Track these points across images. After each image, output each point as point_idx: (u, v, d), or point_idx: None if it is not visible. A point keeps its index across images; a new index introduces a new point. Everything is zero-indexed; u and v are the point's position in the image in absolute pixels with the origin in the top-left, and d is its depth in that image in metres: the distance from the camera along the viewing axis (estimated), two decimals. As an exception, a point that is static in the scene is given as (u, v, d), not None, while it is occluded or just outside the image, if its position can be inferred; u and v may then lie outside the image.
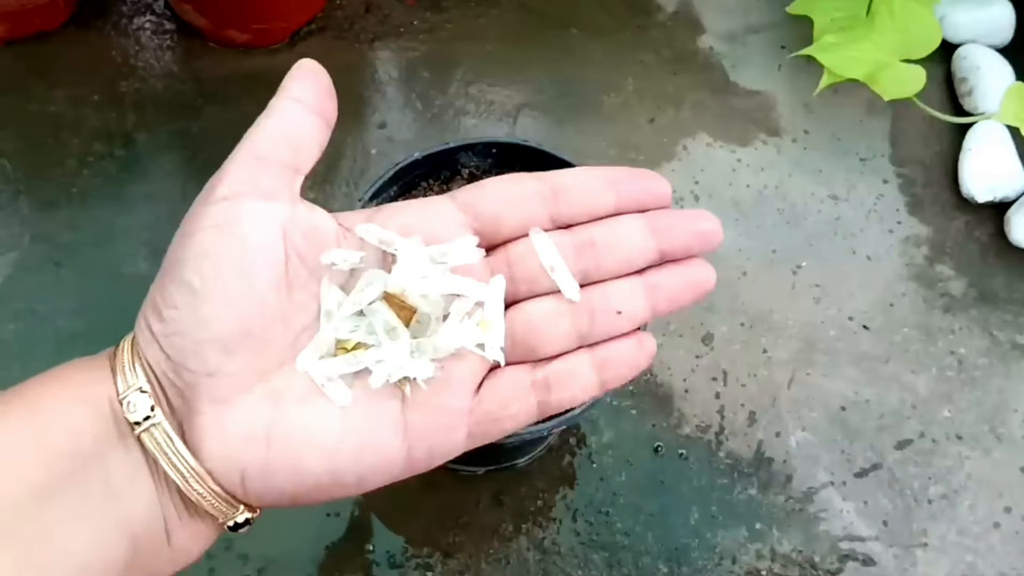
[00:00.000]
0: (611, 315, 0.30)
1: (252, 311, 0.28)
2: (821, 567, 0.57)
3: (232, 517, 0.29)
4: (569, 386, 0.30)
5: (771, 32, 0.76)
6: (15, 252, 0.62)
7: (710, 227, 0.31)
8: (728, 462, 0.59)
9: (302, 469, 0.28)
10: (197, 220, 0.28)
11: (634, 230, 0.31)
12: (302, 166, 0.30)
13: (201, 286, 0.27)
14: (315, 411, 0.28)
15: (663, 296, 0.31)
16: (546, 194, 0.31)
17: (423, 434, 0.29)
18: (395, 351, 0.28)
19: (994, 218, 0.69)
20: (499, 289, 0.30)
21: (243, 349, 0.28)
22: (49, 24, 0.70)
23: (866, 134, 0.72)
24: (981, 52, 0.72)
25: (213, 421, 0.27)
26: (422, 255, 0.29)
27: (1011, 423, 0.62)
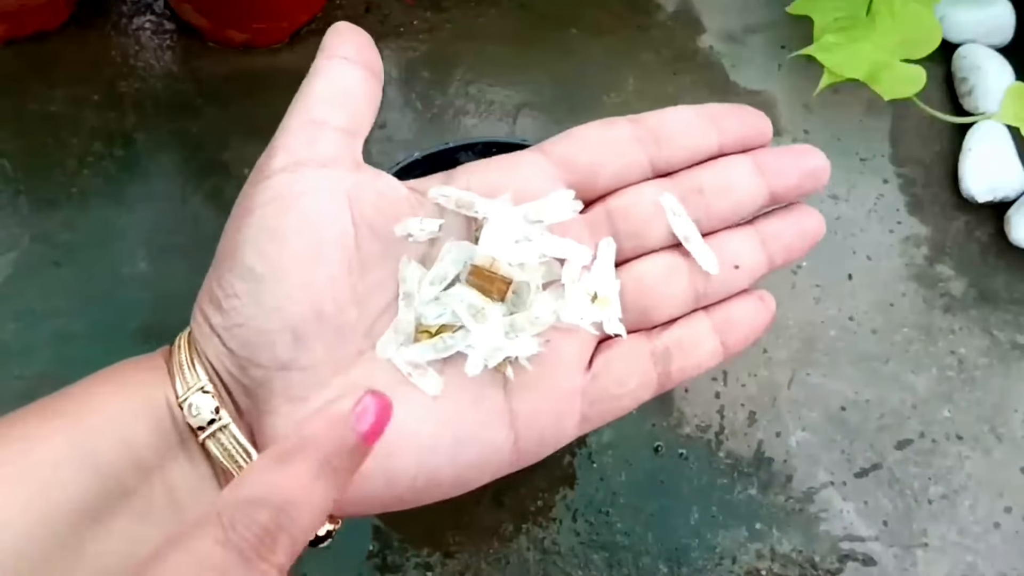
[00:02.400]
0: (729, 270, 0.27)
1: (323, 294, 0.24)
2: (821, 567, 0.57)
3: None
4: (692, 353, 0.27)
5: (771, 32, 0.76)
6: (15, 252, 0.62)
7: (819, 163, 0.28)
8: (728, 462, 0.59)
9: (394, 472, 0.25)
10: (253, 197, 0.25)
11: (742, 171, 0.27)
12: (360, 128, 0.27)
13: (264, 270, 0.24)
14: (403, 404, 0.24)
15: (779, 246, 0.28)
16: (644, 138, 0.27)
17: (531, 421, 0.26)
18: (488, 330, 0.24)
19: (994, 218, 0.69)
20: (610, 251, 0.26)
21: (316, 338, 0.24)
22: (49, 24, 0.70)
23: (866, 134, 0.72)
24: (981, 52, 0.72)
25: (288, 422, 0.24)
26: (513, 216, 0.24)
27: (1011, 423, 0.62)
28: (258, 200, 0.25)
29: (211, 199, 0.64)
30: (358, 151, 0.26)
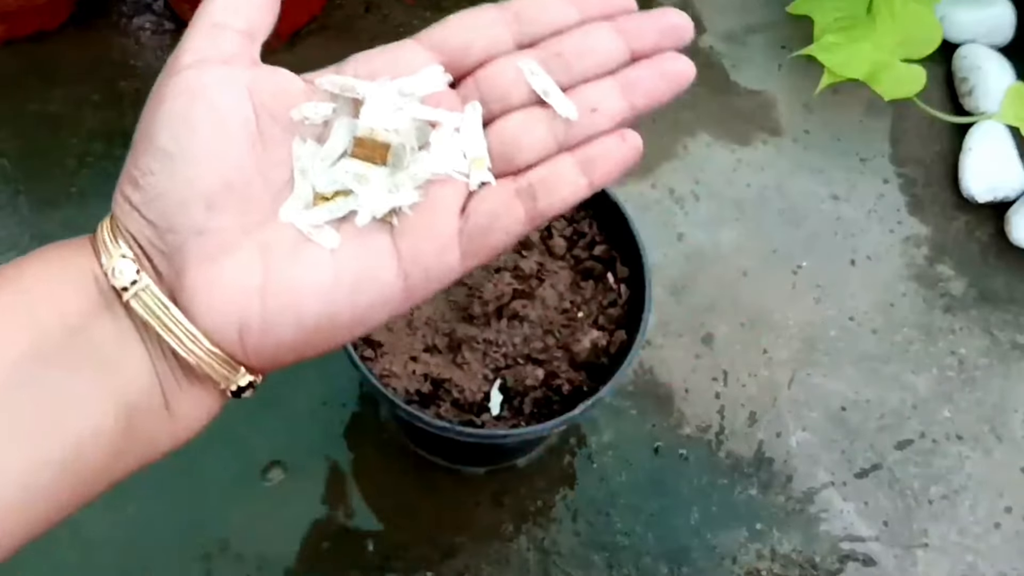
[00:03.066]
0: (587, 114, 0.30)
1: (231, 168, 0.28)
2: (821, 567, 0.57)
3: (234, 381, 0.28)
4: (556, 188, 0.30)
5: (771, 32, 0.76)
6: (15, 252, 0.62)
7: (678, 20, 0.31)
8: (728, 462, 0.59)
9: (301, 315, 0.28)
10: (164, 90, 0.28)
11: (601, 35, 0.31)
12: (257, 32, 0.30)
13: (177, 149, 0.27)
14: (306, 258, 0.28)
15: (640, 91, 0.31)
16: (508, 18, 0.31)
17: (417, 259, 0.29)
18: (373, 189, 0.29)
19: (994, 218, 0.69)
20: (476, 113, 0.30)
21: (227, 205, 0.28)
22: (49, 24, 0.70)
23: (866, 134, 0.72)
24: (981, 52, 0.72)
25: (204, 280, 0.27)
26: (388, 91, 0.29)
27: (1011, 423, 0.62)
28: (168, 92, 0.28)
29: (211, 199, 0.64)
30: (256, 51, 0.30)
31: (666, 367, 0.62)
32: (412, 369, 0.50)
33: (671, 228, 0.67)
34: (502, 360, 0.50)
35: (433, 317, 0.51)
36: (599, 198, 0.52)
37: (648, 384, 0.61)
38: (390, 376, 0.49)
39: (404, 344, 0.50)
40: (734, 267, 0.66)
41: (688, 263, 0.66)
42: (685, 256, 0.66)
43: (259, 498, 0.55)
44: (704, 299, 0.64)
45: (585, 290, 0.52)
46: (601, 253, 0.53)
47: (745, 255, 0.66)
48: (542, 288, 0.51)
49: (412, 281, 0.29)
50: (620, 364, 0.48)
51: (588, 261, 0.53)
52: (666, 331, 0.63)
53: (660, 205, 0.68)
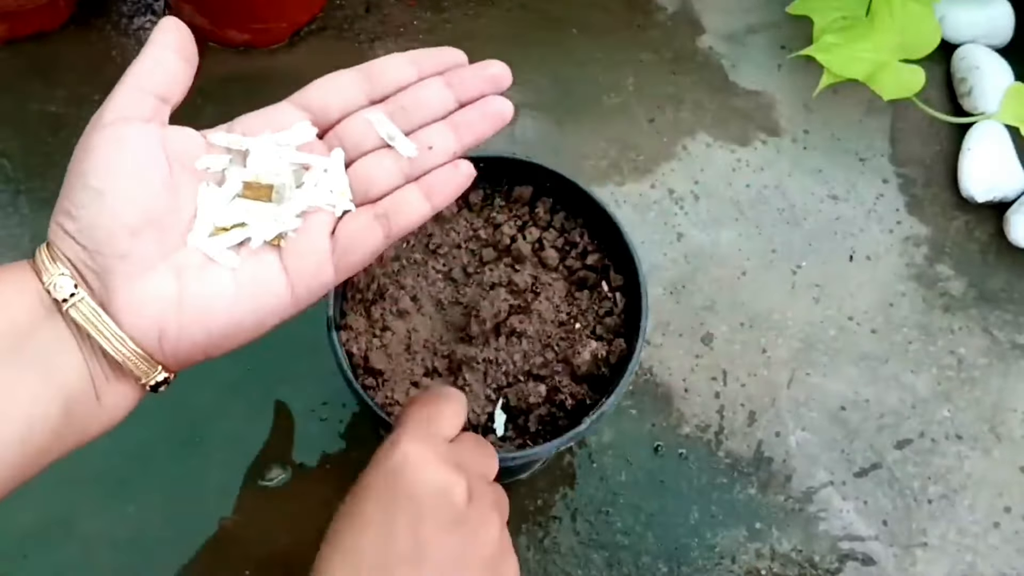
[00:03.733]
0: (424, 152, 0.38)
1: (149, 204, 0.34)
2: (821, 567, 0.57)
3: (153, 377, 0.35)
4: (405, 211, 0.37)
5: (771, 32, 0.76)
6: (15, 252, 0.62)
7: (498, 71, 0.40)
8: (728, 462, 0.59)
9: (209, 323, 0.35)
10: (93, 139, 0.34)
11: (434, 89, 0.39)
12: (171, 98, 0.37)
13: (105, 188, 0.33)
14: (212, 276, 0.35)
15: (466, 130, 0.39)
16: (361, 79, 0.39)
17: (300, 274, 0.36)
18: (262, 219, 0.36)
19: (994, 218, 0.69)
20: (339, 157, 0.38)
21: (146, 234, 0.34)
22: (49, 24, 0.70)
23: (866, 134, 0.72)
24: (981, 52, 0.72)
25: (129, 294, 0.34)
26: (268, 144, 0.37)
27: (1010, 423, 0.62)
28: (97, 142, 0.34)
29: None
30: (167, 114, 0.36)
31: (666, 367, 0.62)
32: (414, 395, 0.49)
33: (671, 228, 0.67)
34: (503, 379, 0.50)
35: (431, 339, 0.51)
36: (589, 206, 0.52)
37: (648, 384, 0.61)
38: (393, 404, 0.48)
39: (404, 370, 0.49)
40: (733, 267, 0.66)
41: (688, 263, 0.66)
42: (685, 256, 0.66)
43: (259, 498, 0.56)
44: (704, 299, 0.64)
45: (581, 300, 0.52)
46: (594, 262, 0.52)
47: (744, 255, 0.66)
48: (538, 301, 0.51)
49: (298, 292, 0.36)
50: (621, 374, 0.47)
51: (581, 271, 0.52)
52: (666, 331, 0.63)
53: (660, 205, 0.68)
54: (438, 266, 0.53)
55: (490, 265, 0.53)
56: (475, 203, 0.54)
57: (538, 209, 0.54)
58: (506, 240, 0.53)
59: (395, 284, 0.51)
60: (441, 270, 0.53)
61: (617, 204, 0.67)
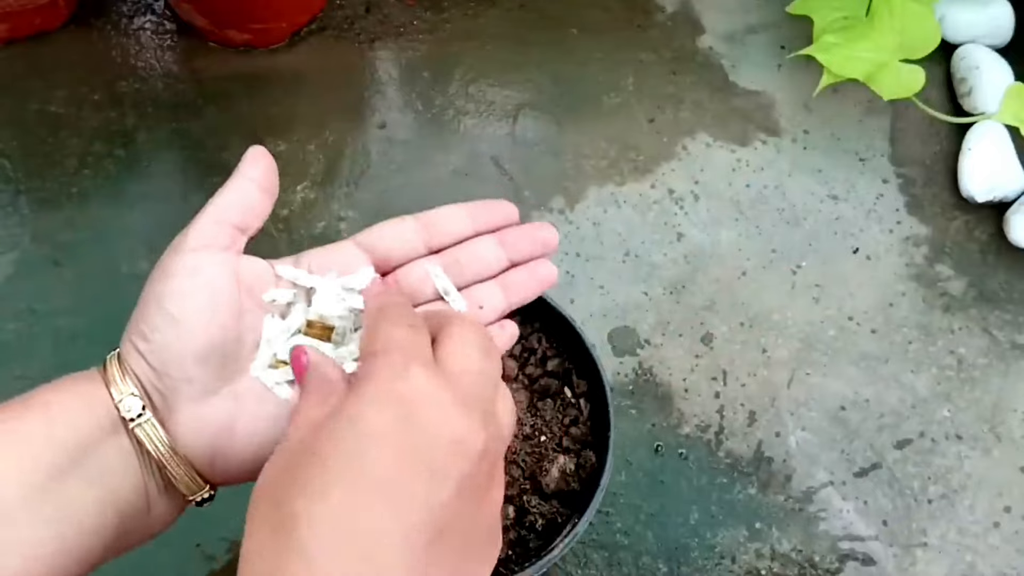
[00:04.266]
0: (475, 309, 0.40)
1: (218, 332, 0.36)
2: (821, 567, 0.57)
3: (200, 494, 0.36)
4: None
5: (771, 32, 0.76)
6: (15, 252, 0.62)
7: (547, 235, 0.41)
8: (728, 462, 0.59)
9: (260, 449, 0.36)
10: (172, 265, 0.36)
11: (488, 247, 0.41)
12: (250, 229, 0.38)
13: (180, 314, 0.35)
14: (267, 406, 0.37)
15: (515, 291, 0.41)
16: (420, 228, 0.40)
17: None
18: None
19: (994, 218, 0.69)
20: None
21: (212, 361, 0.36)
22: (49, 24, 0.70)
23: (866, 134, 0.72)
24: (980, 52, 0.72)
25: (190, 417, 0.35)
26: (334, 286, 0.38)
27: (1010, 423, 0.62)
28: (175, 268, 0.36)
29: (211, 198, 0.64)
30: (243, 244, 0.38)
31: (666, 367, 0.62)
32: None
33: (671, 228, 0.67)
34: None
35: None
36: (544, 310, 0.51)
37: (648, 384, 0.61)
38: None
39: None
40: (733, 267, 0.66)
41: (688, 263, 0.66)
42: (685, 256, 0.66)
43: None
44: (704, 299, 0.64)
45: (544, 411, 0.49)
46: (555, 367, 0.51)
47: (744, 255, 0.66)
48: None
49: None
50: (592, 488, 0.45)
51: (543, 378, 0.51)
52: (666, 331, 0.63)
53: (660, 205, 0.68)
54: None
55: None
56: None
57: None
58: None
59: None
60: None
61: (617, 204, 0.67)
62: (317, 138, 0.68)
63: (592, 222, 0.67)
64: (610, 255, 0.65)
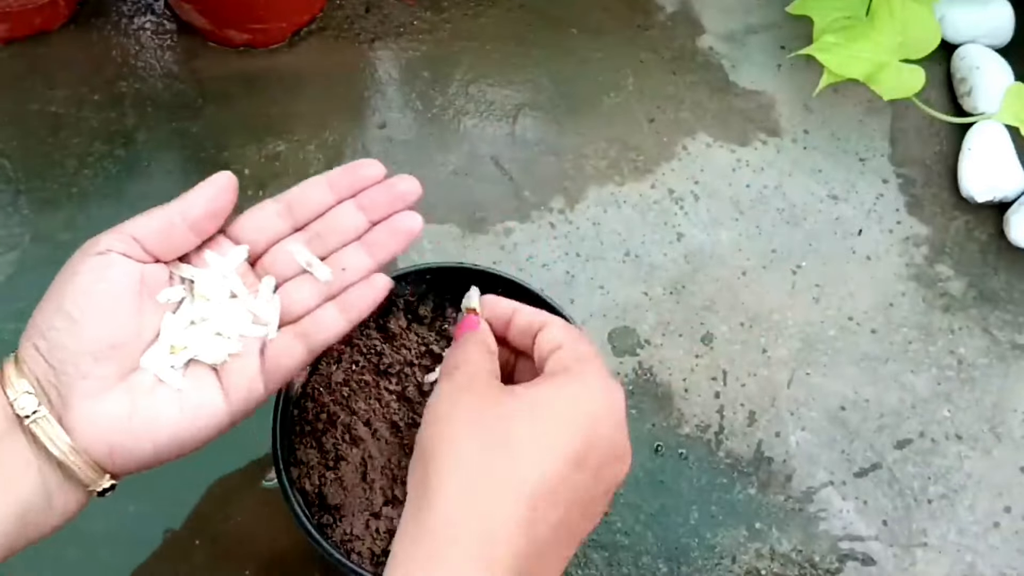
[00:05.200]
0: (339, 273, 0.42)
1: (115, 333, 0.38)
2: (821, 567, 0.57)
3: (100, 484, 0.38)
4: (322, 328, 0.42)
5: (771, 32, 0.76)
6: (15, 252, 0.62)
7: (405, 187, 0.43)
8: (728, 462, 0.59)
9: (156, 437, 0.38)
10: (79, 265, 0.38)
11: (348, 212, 0.43)
12: (165, 256, 0.40)
13: (79, 315, 0.37)
14: (160, 396, 0.39)
15: (378, 248, 0.43)
16: (282, 210, 0.43)
17: (236, 392, 0.40)
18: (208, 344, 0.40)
19: (994, 218, 0.69)
20: (270, 285, 0.42)
21: (108, 359, 0.38)
22: (49, 24, 0.70)
23: (866, 134, 0.72)
24: (980, 52, 0.73)
25: (86, 412, 0.37)
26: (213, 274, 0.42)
27: (1011, 423, 0.62)
28: (81, 268, 0.38)
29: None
30: (149, 257, 0.40)
31: (666, 367, 0.62)
32: (375, 527, 0.46)
33: (671, 228, 0.67)
34: None
35: (388, 465, 0.48)
36: (543, 308, 0.50)
37: (648, 384, 0.61)
38: (352, 540, 0.46)
39: (362, 501, 0.47)
40: (733, 267, 0.66)
41: (688, 263, 0.66)
42: (685, 256, 0.66)
43: (259, 498, 0.56)
44: (704, 299, 0.64)
45: None
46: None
47: (744, 255, 0.66)
48: None
49: (234, 408, 0.40)
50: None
51: None
52: (666, 331, 0.63)
53: (660, 205, 0.68)
54: (391, 386, 0.50)
55: None
56: (425, 316, 0.52)
57: None
58: None
59: (346, 410, 0.49)
60: (394, 390, 0.50)
61: (617, 204, 0.67)
62: (317, 138, 0.68)
63: (592, 222, 0.67)
64: (610, 255, 0.65)
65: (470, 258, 0.64)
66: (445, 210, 0.66)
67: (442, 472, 0.34)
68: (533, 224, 0.66)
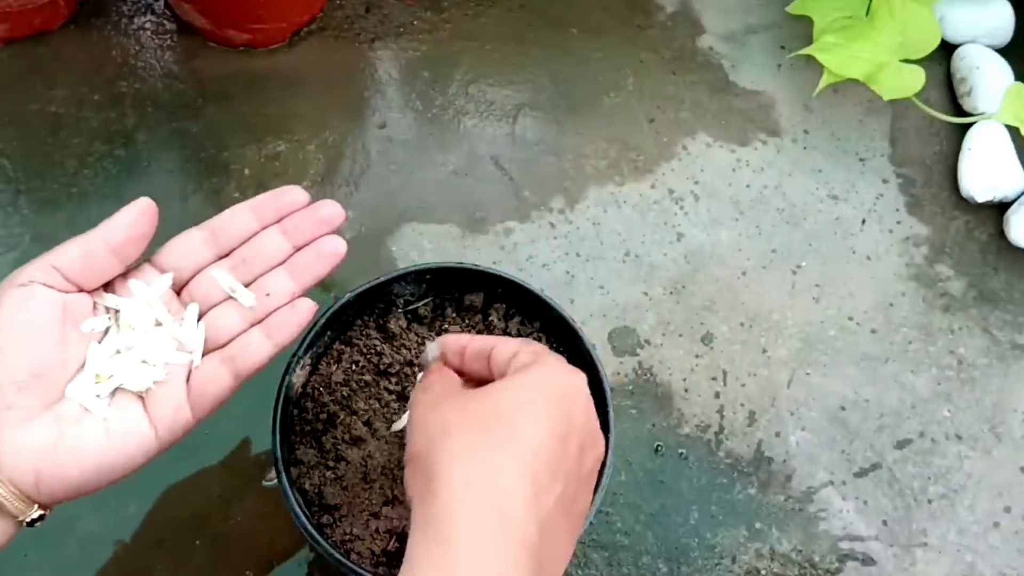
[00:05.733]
0: (263, 298, 0.43)
1: (40, 362, 0.38)
2: (821, 567, 0.57)
3: (28, 515, 0.38)
4: (249, 353, 0.42)
5: (771, 32, 0.76)
6: (15, 252, 0.62)
7: (329, 212, 0.44)
8: (728, 462, 0.59)
9: (83, 465, 0.38)
10: (1, 297, 0.38)
11: (272, 238, 0.43)
12: (77, 280, 0.40)
13: (2, 345, 0.37)
14: (86, 425, 0.39)
15: (302, 271, 0.43)
16: (207, 237, 0.43)
17: (162, 420, 0.40)
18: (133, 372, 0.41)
19: (994, 218, 0.69)
20: (194, 312, 0.43)
21: (33, 388, 0.38)
22: (49, 24, 0.70)
23: (866, 134, 0.72)
24: (980, 52, 0.73)
25: (11, 442, 0.37)
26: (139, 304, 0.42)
27: (1011, 423, 0.62)
28: (3, 300, 0.38)
29: (211, 198, 0.64)
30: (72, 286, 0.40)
31: (666, 367, 0.62)
32: (375, 527, 0.46)
33: (671, 228, 0.67)
34: None
35: (388, 465, 0.48)
36: (544, 310, 0.50)
37: (648, 384, 0.61)
38: (352, 540, 0.46)
39: (362, 501, 0.47)
40: (733, 267, 0.66)
41: (688, 263, 0.66)
42: (685, 256, 0.66)
43: (259, 498, 0.56)
44: (704, 299, 0.64)
45: None
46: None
47: (744, 255, 0.66)
48: None
49: (161, 435, 0.40)
50: (596, 482, 0.44)
51: None
52: (666, 331, 0.63)
53: (660, 205, 0.68)
54: (391, 386, 0.50)
55: None
56: (425, 316, 0.52)
57: (492, 317, 0.52)
58: None
59: (346, 410, 0.49)
60: (394, 390, 0.50)
61: (617, 204, 0.67)
62: (317, 138, 0.68)
63: (592, 222, 0.67)
64: (610, 255, 0.65)
65: (470, 258, 0.64)
66: (445, 210, 0.66)
67: (441, 466, 0.34)
68: (533, 224, 0.66)
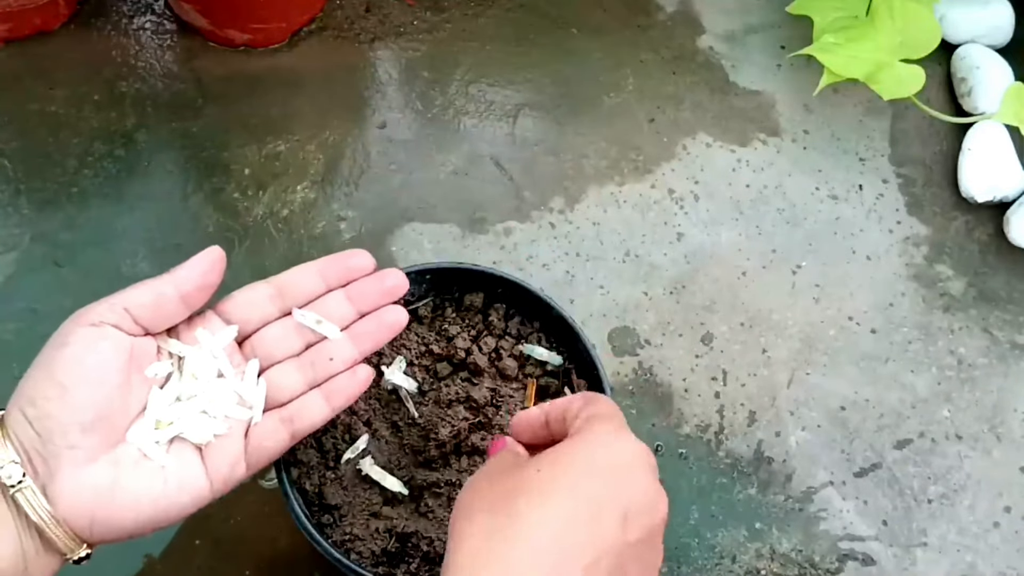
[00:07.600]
0: (326, 362, 0.44)
1: (104, 404, 0.38)
2: (821, 567, 0.57)
3: (77, 553, 0.38)
4: (308, 415, 0.43)
5: (771, 32, 0.76)
6: (15, 252, 0.62)
7: (393, 283, 0.45)
8: (728, 462, 0.59)
9: (138, 510, 0.39)
10: (69, 336, 0.38)
11: (336, 303, 0.44)
12: (145, 324, 0.41)
13: (70, 384, 0.37)
14: (144, 471, 0.39)
15: (365, 339, 0.44)
16: (274, 294, 0.44)
17: (218, 471, 0.41)
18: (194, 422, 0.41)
19: (994, 218, 0.69)
20: (254, 368, 0.43)
21: (95, 431, 0.38)
22: (49, 24, 0.70)
23: (866, 134, 0.72)
24: (980, 52, 0.72)
25: (70, 482, 0.37)
26: (204, 353, 0.42)
27: (1011, 423, 0.62)
28: (72, 339, 0.38)
29: (211, 198, 0.64)
30: (140, 329, 0.41)
31: (666, 367, 0.62)
32: (375, 527, 0.46)
33: (671, 228, 0.67)
34: None
35: (388, 465, 0.48)
36: (544, 310, 0.51)
37: (648, 384, 0.61)
38: (352, 540, 0.46)
39: (362, 501, 0.47)
40: (734, 267, 0.66)
41: (688, 263, 0.66)
42: (685, 256, 0.66)
43: (259, 498, 0.56)
44: (704, 299, 0.64)
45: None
46: (555, 367, 0.51)
47: (744, 255, 0.66)
48: (499, 415, 0.48)
49: (215, 486, 0.41)
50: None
51: (543, 378, 0.51)
52: (666, 331, 0.63)
53: (660, 205, 0.68)
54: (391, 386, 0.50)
55: (446, 381, 0.50)
56: (425, 316, 0.52)
57: (491, 317, 0.52)
58: (461, 353, 0.50)
59: (346, 410, 0.48)
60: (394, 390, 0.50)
61: (617, 204, 0.67)
62: (317, 138, 0.68)
63: (592, 222, 0.67)
64: (610, 255, 0.65)
65: (470, 258, 0.64)
66: (445, 210, 0.66)
67: (451, 551, 0.34)
68: (533, 224, 0.66)
